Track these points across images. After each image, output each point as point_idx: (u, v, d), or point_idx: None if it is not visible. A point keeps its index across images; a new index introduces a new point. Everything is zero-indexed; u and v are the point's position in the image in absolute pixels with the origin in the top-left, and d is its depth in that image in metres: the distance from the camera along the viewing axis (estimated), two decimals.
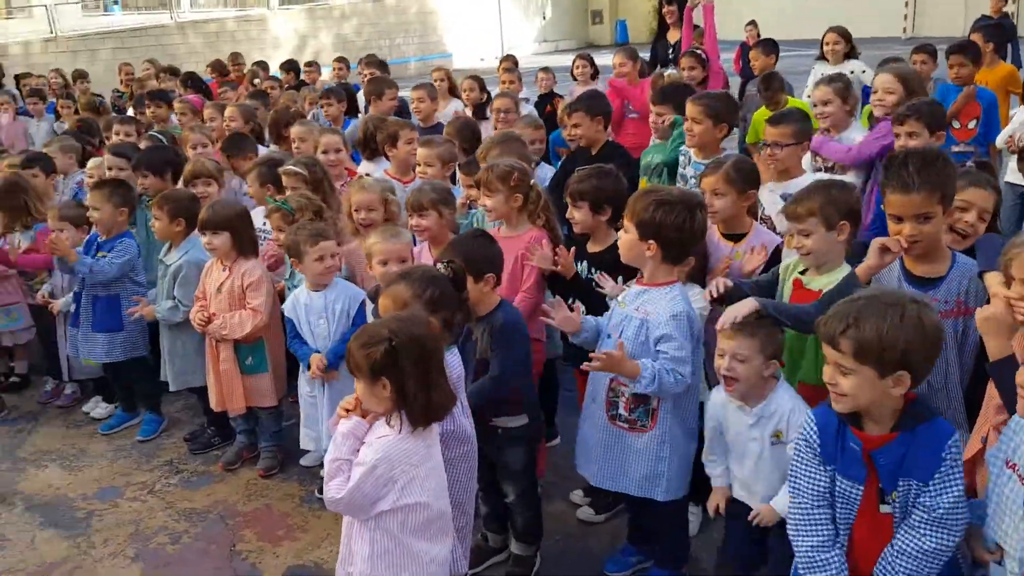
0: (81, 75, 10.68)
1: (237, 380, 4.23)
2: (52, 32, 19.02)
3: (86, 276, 4.56)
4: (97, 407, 5.09)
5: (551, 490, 3.96)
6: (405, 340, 2.37)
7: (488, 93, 7.17)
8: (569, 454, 3.51)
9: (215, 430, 4.65)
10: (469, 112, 6.76)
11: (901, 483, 2.19)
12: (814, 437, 2.32)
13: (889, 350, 2.09)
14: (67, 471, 4.50)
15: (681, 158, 4.52)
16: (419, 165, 4.59)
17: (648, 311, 2.97)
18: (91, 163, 5.34)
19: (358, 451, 2.46)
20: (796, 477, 2.35)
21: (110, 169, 5.12)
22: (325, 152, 4.94)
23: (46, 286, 4.98)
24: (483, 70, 9.14)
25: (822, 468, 2.30)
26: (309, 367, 3.82)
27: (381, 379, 2.37)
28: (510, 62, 8.56)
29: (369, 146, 5.25)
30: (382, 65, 7.74)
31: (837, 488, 2.28)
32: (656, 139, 5.04)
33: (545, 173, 5.01)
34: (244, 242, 4.19)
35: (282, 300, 4.16)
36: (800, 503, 2.33)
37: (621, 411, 3.10)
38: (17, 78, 10.80)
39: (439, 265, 2.96)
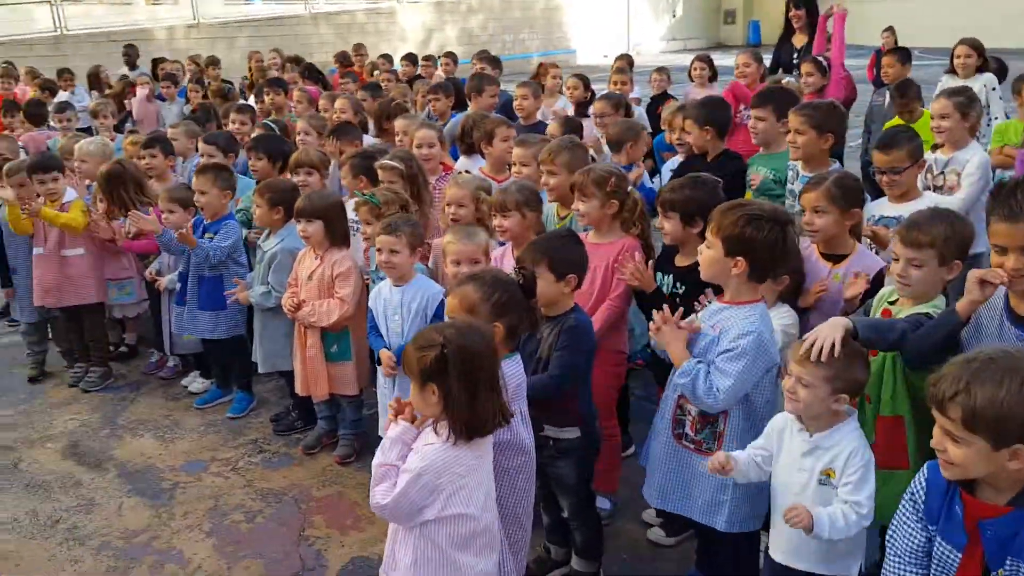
0: (213, 62, 11.17)
1: (322, 367, 4.30)
2: (195, 19, 20.04)
3: (201, 259, 4.74)
4: (195, 382, 5.29)
5: (623, 506, 3.84)
6: (457, 349, 2.32)
7: (592, 92, 7.04)
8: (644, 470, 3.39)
9: (299, 413, 4.75)
10: (571, 111, 6.66)
11: (1009, 562, 1.96)
12: (920, 492, 2.12)
13: (1005, 421, 1.86)
14: (160, 441, 4.69)
15: (790, 173, 4.30)
16: (514, 164, 4.54)
17: (722, 328, 2.82)
18: (203, 147, 5.54)
19: (406, 457, 2.43)
20: (894, 530, 2.18)
21: (202, 156, 5.29)
22: (419, 146, 4.96)
23: (155, 264, 5.21)
24: (606, 68, 9.00)
25: (921, 526, 2.11)
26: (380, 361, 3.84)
27: (430, 384, 2.34)
28: (624, 62, 8.40)
29: (466, 142, 5.25)
30: (494, 61, 7.73)
31: (935, 550, 2.09)
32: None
33: None
34: (336, 232, 4.26)
35: None
36: (893, 560, 2.15)
37: (687, 430, 2.96)
38: (155, 62, 11.39)
39: (511, 270, 2.90)
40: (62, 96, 9.31)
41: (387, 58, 11.08)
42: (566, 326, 3.06)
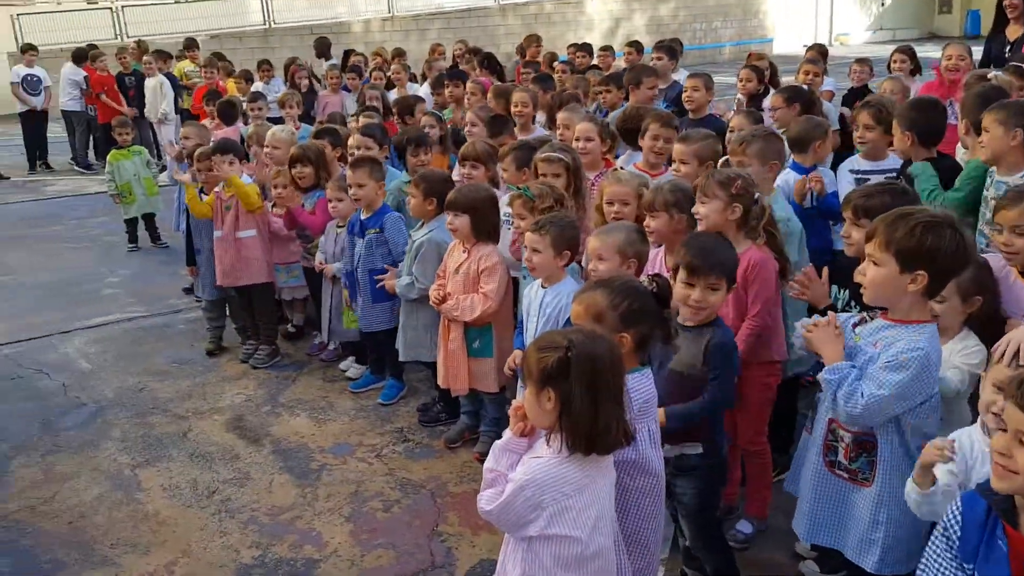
0: (399, 53, 11.51)
1: (463, 362, 4.27)
2: (390, 12, 20.88)
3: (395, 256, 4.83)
4: (352, 367, 5.44)
5: (775, 534, 3.54)
6: (582, 354, 2.16)
7: (768, 86, 6.59)
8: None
9: (443, 406, 4.76)
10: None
11: None
12: (955, 528, 1.89)
13: None
14: (314, 422, 4.85)
15: (988, 179, 3.78)
16: (674, 161, 4.28)
17: (886, 345, 2.49)
18: (352, 140, 5.61)
19: (515, 466, 2.31)
20: (924, 570, 1.96)
21: (358, 148, 5.38)
22: (577, 139, 4.80)
23: (320, 253, 5.39)
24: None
25: (957, 564, 1.88)
26: None
27: (547, 389, 2.19)
28: (815, 52, 7.84)
29: (625, 137, 5.03)
30: (670, 51, 7.41)
31: None
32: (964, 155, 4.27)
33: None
34: (483, 227, 4.19)
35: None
36: None
37: (840, 458, 2.66)
38: (346, 54, 11.90)
39: (643, 278, 2.69)
40: (258, 86, 9.91)
41: (585, 47, 10.77)
42: (714, 342, 2.83)
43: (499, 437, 4.31)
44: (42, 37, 17.30)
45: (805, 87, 6.14)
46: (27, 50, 12.94)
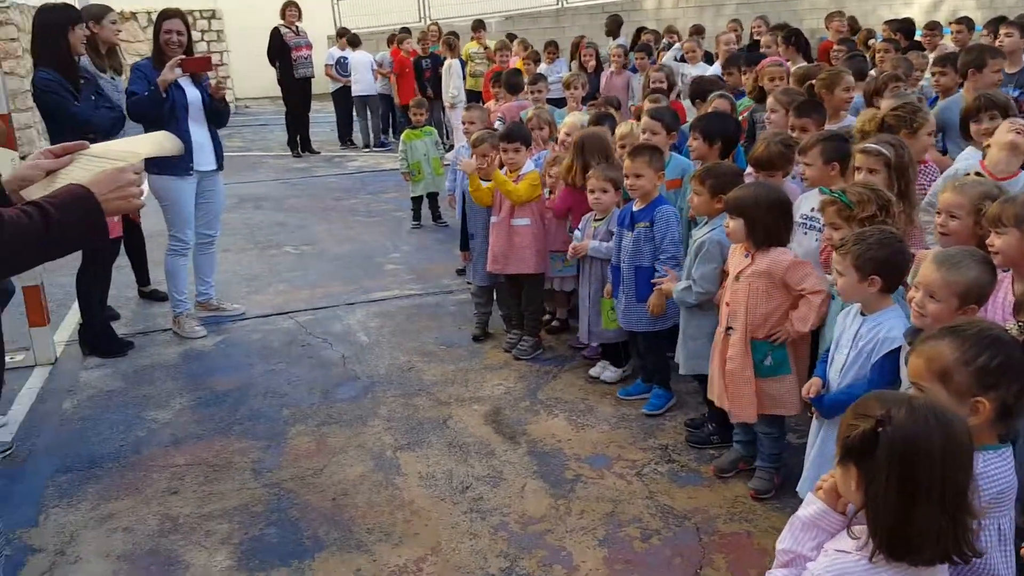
0: (698, 31, 10.92)
1: (748, 382, 3.74)
2: None
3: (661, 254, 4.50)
4: (605, 370, 5.11)
5: None
6: (898, 435, 1.65)
7: None
8: None
9: (715, 427, 4.27)
10: None
11: None
12: None
13: None
14: (572, 425, 4.59)
15: None
16: None
17: None
18: (619, 129, 5.24)
19: (821, 546, 1.83)
20: None
21: (644, 132, 4.95)
22: (643, 131, 4.09)
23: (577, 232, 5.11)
24: None
25: None
26: None
27: (851, 465, 1.72)
28: None
29: (963, 131, 4.17)
30: (1022, 28, 6.18)
31: None
32: None
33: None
34: (762, 233, 3.65)
35: None
36: None
37: None
38: (637, 32, 11.51)
39: (1009, 324, 2.04)
40: (543, 68, 9.85)
41: (906, 24, 9.56)
42: None
43: (779, 474, 3.86)
44: (356, 21, 18.76)
45: None
46: (342, 35, 14.03)
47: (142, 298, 6.90)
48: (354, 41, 13.92)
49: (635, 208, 4.58)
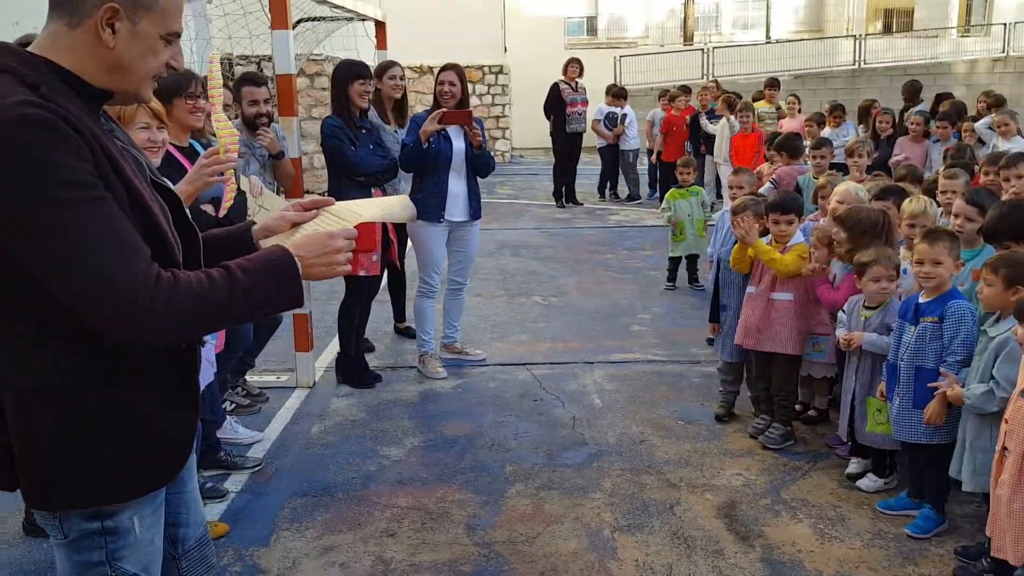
0: (998, 103, 9.69)
1: (1014, 516, 3.08)
2: (1004, 52, 18.18)
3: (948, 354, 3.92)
4: (865, 477, 4.47)
5: None
6: None
7: None
8: None
9: (991, 563, 3.53)
10: None
11: None
12: None
13: None
14: (817, 535, 4.03)
15: None
16: None
17: None
18: (911, 206, 4.59)
19: None
20: None
21: (957, 216, 4.28)
22: None
23: (841, 327, 4.53)
24: None
25: None
26: None
27: None
28: None
29: None
30: None
31: None
32: None
33: None
34: None
35: None
36: None
37: None
38: (938, 98, 10.44)
39: None
40: (826, 132, 9.19)
41: None
42: None
43: None
44: (636, 77, 18.95)
45: None
46: (610, 91, 14.21)
47: (396, 333, 7.23)
48: (621, 95, 14.03)
49: (922, 299, 3.99)
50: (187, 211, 2.08)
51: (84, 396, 1.84)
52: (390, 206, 2.50)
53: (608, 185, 14.60)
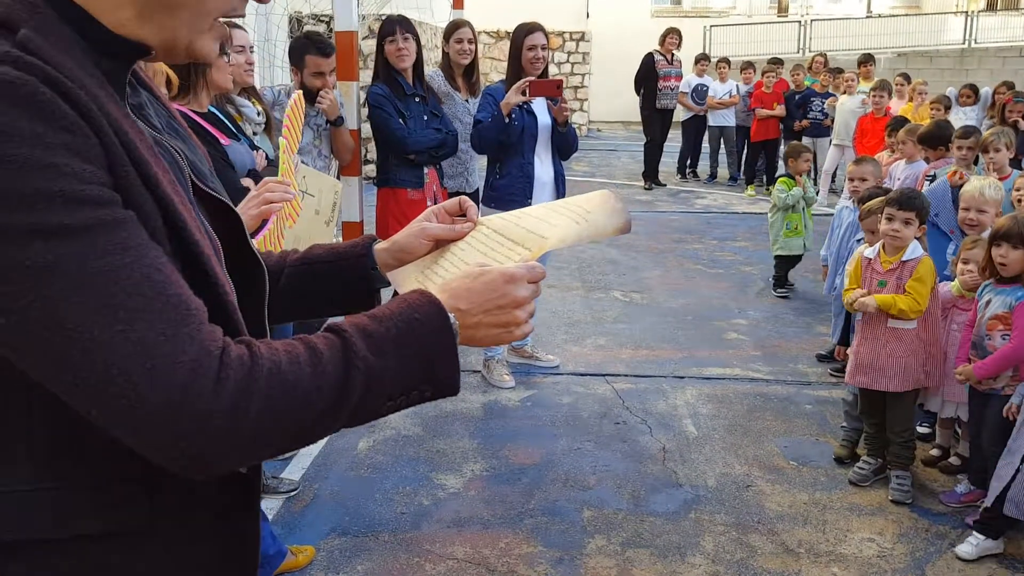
0: None
1: None
2: None
3: None
4: (968, 542, 3.59)
5: None
6: None
7: None
8: None
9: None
10: None
11: None
12: None
13: None
14: None
15: None
16: None
17: None
18: None
19: None
20: None
21: None
22: None
23: None
24: None
25: None
26: None
27: None
28: None
29: None
30: None
31: None
32: None
33: None
34: None
35: None
36: None
37: None
38: None
39: None
40: (958, 115, 8.05)
41: None
42: None
43: None
44: (728, 49, 17.73)
45: None
46: (700, 60, 13.05)
47: None
48: (724, 63, 12.95)
49: None
50: (250, 239, 1.24)
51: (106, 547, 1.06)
52: (589, 215, 1.41)
53: (688, 163, 13.56)
